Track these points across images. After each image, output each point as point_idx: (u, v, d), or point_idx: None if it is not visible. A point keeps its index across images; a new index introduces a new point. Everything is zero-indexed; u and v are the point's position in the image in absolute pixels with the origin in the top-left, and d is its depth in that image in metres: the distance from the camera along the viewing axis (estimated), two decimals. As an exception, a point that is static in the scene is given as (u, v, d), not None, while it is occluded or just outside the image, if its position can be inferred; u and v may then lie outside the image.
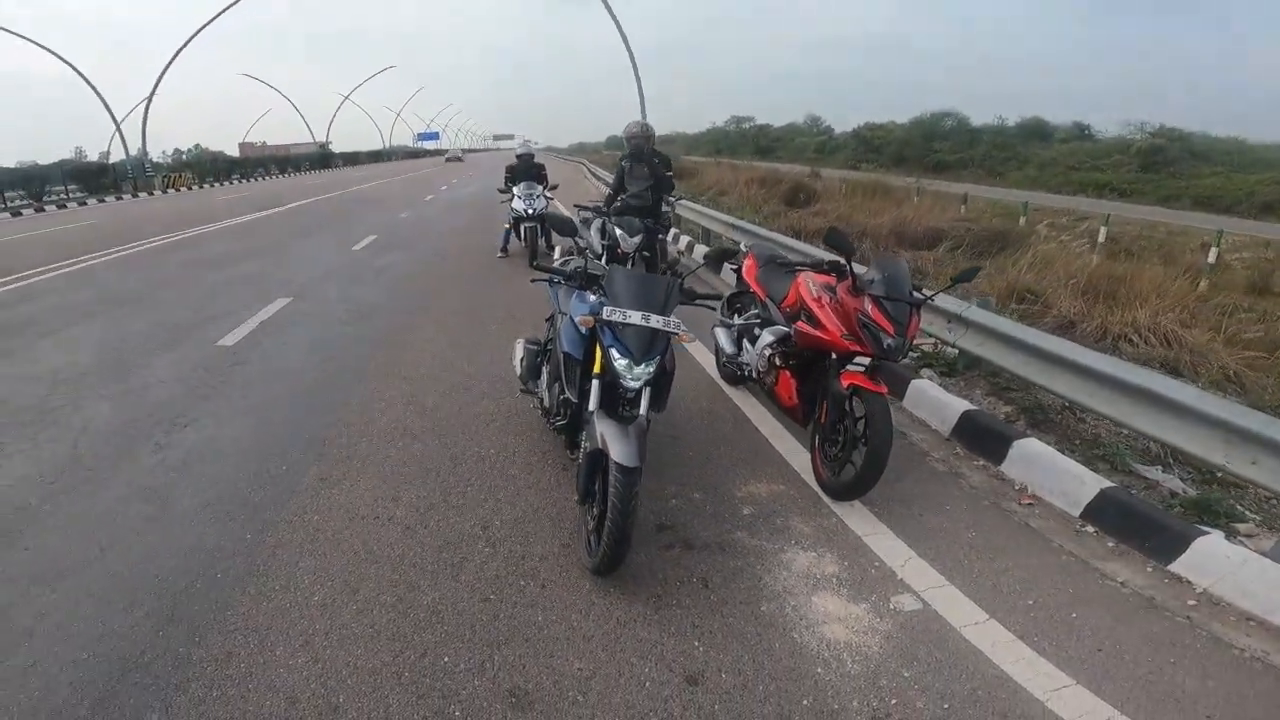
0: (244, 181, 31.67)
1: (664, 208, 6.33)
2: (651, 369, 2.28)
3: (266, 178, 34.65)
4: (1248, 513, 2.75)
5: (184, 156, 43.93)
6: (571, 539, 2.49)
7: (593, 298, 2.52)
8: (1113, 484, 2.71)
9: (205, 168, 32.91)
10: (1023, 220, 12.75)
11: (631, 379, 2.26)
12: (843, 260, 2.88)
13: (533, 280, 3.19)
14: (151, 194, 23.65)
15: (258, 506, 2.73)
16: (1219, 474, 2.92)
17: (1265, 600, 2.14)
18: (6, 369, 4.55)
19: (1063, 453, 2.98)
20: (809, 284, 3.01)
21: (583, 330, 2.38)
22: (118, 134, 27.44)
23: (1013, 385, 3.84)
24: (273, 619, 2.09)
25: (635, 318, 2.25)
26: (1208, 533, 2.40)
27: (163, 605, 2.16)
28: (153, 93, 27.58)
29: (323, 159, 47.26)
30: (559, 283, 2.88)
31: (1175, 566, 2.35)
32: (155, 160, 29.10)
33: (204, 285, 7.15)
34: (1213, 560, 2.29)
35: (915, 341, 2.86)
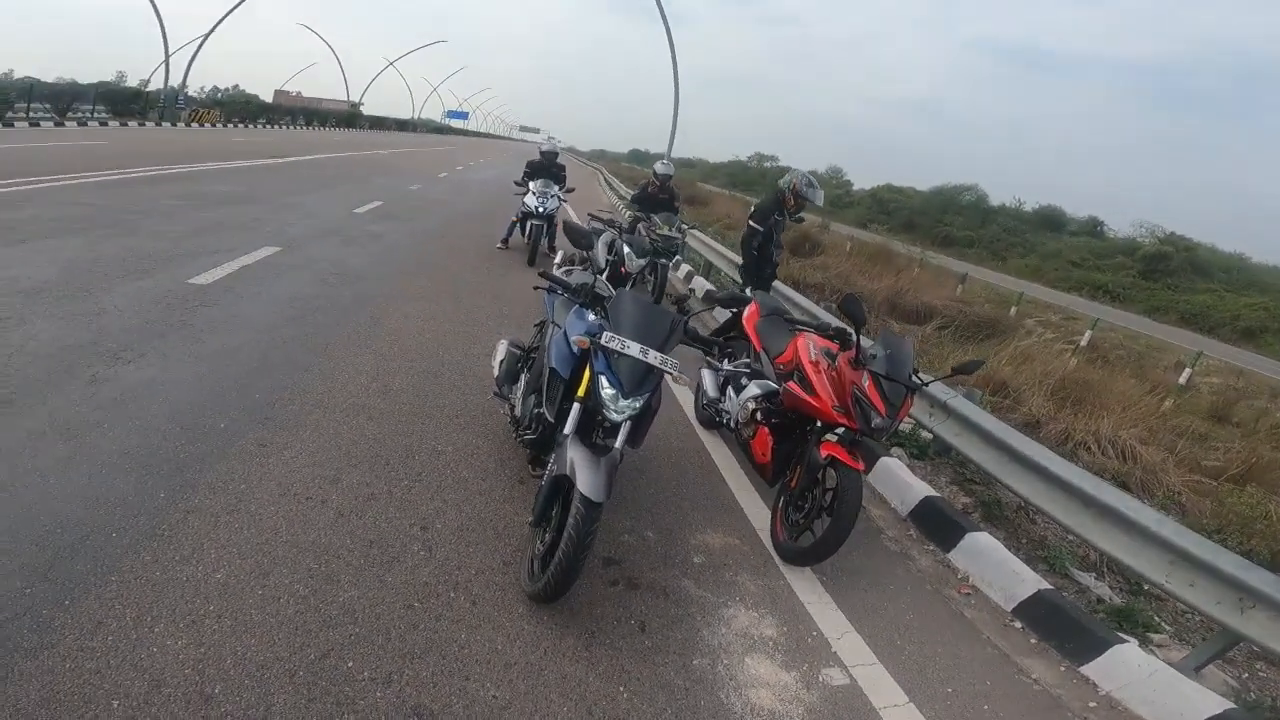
0: (269, 127, 31.48)
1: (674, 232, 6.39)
2: (638, 405, 2.20)
3: (292, 127, 34.90)
4: (1164, 624, 2.91)
5: (219, 95, 43.58)
6: (514, 557, 2.38)
7: (592, 317, 2.43)
8: (1049, 586, 2.80)
9: (236, 108, 33.00)
10: (1014, 310, 13.07)
11: (615, 411, 2.17)
12: (851, 329, 2.82)
13: (536, 287, 3.07)
14: (174, 125, 23.44)
15: (182, 463, 2.54)
16: (1146, 587, 3.08)
17: (1160, 709, 2.24)
18: (-44, 271, 4.28)
19: (1010, 550, 3.04)
20: (810, 346, 2.96)
21: (574, 349, 2.29)
22: (164, 65, 26.80)
23: (976, 479, 3.86)
24: (161, 592, 1.90)
25: (634, 349, 2.16)
26: (1126, 640, 2.49)
27: (41, 559, 1.94)
28: (211, 31, 27.38)
29: (349, 118, 48.14)
30: (558, 293, 2.78)
31: (1086, 669, 2.46)
32: (191, 94, 28.52)
33: (192, 221, 6.90)
34: (1124, 667, 2.38)
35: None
